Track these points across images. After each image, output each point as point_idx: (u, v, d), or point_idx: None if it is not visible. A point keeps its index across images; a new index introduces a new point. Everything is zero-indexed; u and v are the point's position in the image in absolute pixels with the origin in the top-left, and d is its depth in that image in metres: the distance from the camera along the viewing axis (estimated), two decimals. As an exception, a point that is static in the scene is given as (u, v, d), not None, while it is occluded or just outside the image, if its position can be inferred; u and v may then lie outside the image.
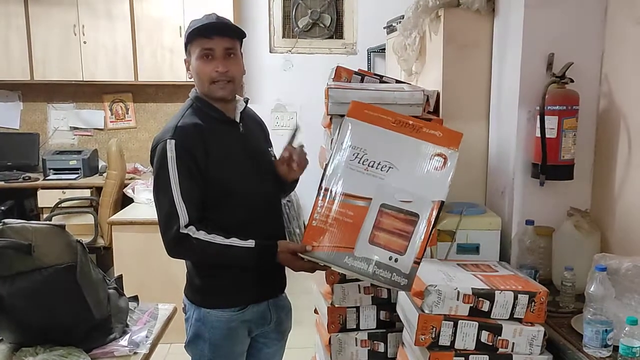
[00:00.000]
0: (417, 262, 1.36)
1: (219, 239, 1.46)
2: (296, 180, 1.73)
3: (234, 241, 1.46)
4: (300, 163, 1.63)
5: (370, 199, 1.37)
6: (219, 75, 1.53)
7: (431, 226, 1.37)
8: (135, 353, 1.53)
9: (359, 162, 1.39)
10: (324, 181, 1.42)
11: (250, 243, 1.47)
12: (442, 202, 1.38)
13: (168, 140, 1.49)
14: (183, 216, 1.46)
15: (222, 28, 1.53)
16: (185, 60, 1.61)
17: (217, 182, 1.52)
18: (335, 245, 1.37)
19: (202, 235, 1.46)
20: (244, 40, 1.62)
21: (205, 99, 1.59)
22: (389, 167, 1.38)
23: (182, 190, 1.46)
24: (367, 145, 1.40)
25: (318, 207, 1.40)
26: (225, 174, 1.53)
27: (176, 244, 1.47)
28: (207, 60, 1.53)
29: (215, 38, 1.52)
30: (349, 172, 1.39)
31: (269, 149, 1.72)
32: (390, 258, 1.35)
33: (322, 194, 1.41)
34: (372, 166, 1.39)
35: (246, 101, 1.67)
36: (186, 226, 1.46)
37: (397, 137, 1.42)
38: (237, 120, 1.62)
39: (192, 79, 1.60)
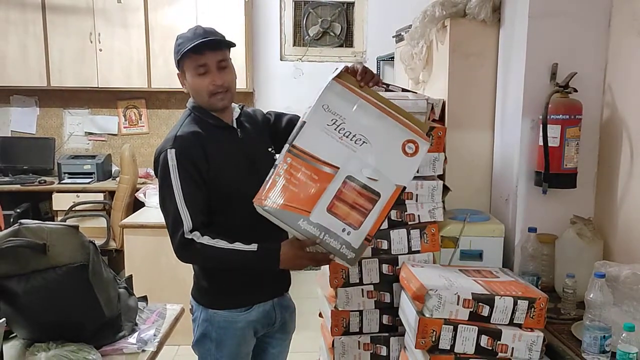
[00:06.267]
0: (368, 240, 1.35)
1: (222, 243, 1.50)
2: None
3: (237, 245, 1.50)
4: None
5: (338, 168, 1.35)
6: (217, 88, 1.58)
7: (389, 208, 1.36)
8: (143, 350, 1.57)
9: (335, 129, 1.37)
10: (296, 139, 1.37)
11: (253, 247, 1.50)
12: (404, 188, 1.38)
13: (168, 149, 1.54)
14: (187, 222, 1.50)
15: (212, 44, 1.57)
16: (178, 75, 1.64)
17: (218, 186, 1.57)
18: (292, 205, 1.34)
19: (206, 240, 1.50)
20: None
21: (203, 107, 1.63)
22: (363, 142, 1.36)
23: (184, 197, 1.51)
24: (347, 114, 1.37)
25: (285, 163, 1.36)
26: (226, 178, 1.58)
27: (182, 249, 1.52)
28: (202, 75, 1.57)
29: (207, 53, 1.56)
30: (323, 136, 1.37)
31: (269, 150, 1.72)
32: (343, 230, 1.34)
33: (291, 151, 1.36)
34: (347, 136, 1.36)
35: (241, 107, 1.72)
36: (191, 231, 1.50)
37: (378, 114, 1.39)
38: (234, 125, 1.67)
39: (186, 93, 1.64)
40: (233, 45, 1.62)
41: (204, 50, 1.55)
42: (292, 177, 1.35)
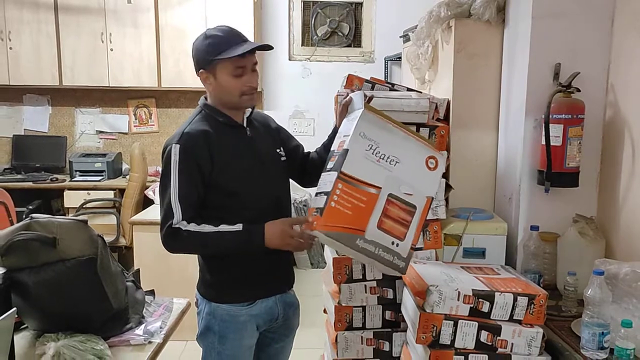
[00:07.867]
0: (412, 248, 1.48)
1: (208, 228, 1.55)
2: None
3: (223, 227, 1.56)
4: None
5: (381, 187, 1.47)
6: (250, 89, 1.64)
7: (425, 218, 1.50)
8: (149, 342, 1.62)
9: (372, 154, 1.50)
10: (343, 166, 1.48)
11: (238, 227, 1.56)
12: (433, 198, 1.53)
13: (174, 144, 1.59)
14: (177, 214, 1.56)
15: (255, 48, 1.63)
16: (202, 73, 1.65)
17: (222, 184, 1.61)
18: (349, 227, 1.44)
19: (192, 227, 1.55)
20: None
21: (215, 105, 1.68)
22: (396, 162, 1.50)
23: (179, 192, 1.57)
24: (380, 139, 1.51)
25: (337, 189, 1.46)
26: (231, 177, 1.62)
27: (169, 238, 1.57)
28: (239, 77, 1.62)
29: (248, 56, 1.62)
30: (364, 161, 1.50)
31: (278, 151, 1.78)
32: (392, 243, 1.46)
33: (341, 177, 1.47)
34: (383, 159, 1.49)
35: (252, 107, 1.76)
36: (178, 222, 1.56)
37: (403, 136, 1.54)
38: (244, 124, 1.71)
39: (205, 90, 1.69)
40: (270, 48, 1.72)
41: (247, 53, 1.61)
42: (344, 202, 1.45)
